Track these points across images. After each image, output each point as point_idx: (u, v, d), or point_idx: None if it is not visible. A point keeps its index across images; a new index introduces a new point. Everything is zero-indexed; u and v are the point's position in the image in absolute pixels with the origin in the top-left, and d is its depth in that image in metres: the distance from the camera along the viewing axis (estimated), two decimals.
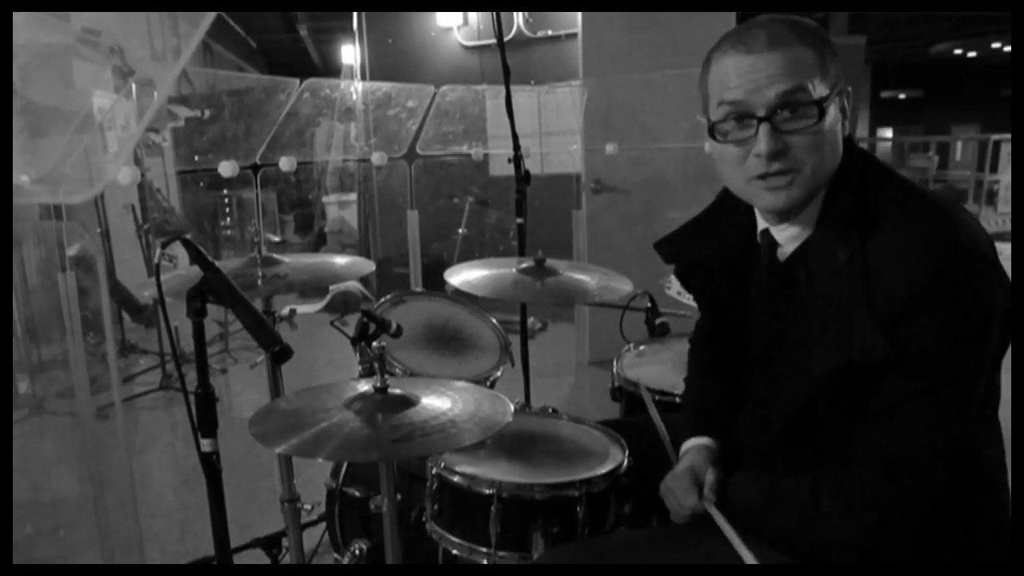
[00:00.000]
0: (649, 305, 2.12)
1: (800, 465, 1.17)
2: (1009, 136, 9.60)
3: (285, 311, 1.97)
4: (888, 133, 19.50)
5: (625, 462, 1.48)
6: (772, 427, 1.22)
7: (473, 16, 5.30)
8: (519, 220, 2.53)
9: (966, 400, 1.06)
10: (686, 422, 1.41)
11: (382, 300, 2.14)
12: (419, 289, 3.23)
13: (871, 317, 1.05)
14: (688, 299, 1.64)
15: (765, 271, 1.26)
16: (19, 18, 1.64)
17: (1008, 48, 14.14)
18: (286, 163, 2.94)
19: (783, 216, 1.19)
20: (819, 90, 1.09)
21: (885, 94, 19.69)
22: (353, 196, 7.59)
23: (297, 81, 3.04)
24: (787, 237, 1.21)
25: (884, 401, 1.07)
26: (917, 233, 1.05)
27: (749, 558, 1.14)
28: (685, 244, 1.40)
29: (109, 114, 2.29)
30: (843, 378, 1.09)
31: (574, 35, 4.58)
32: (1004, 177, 10.16)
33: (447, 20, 5.34)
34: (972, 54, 16.01)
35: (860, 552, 1.14)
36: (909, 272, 1.02)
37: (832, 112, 1.11)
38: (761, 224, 1.26)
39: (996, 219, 9.91)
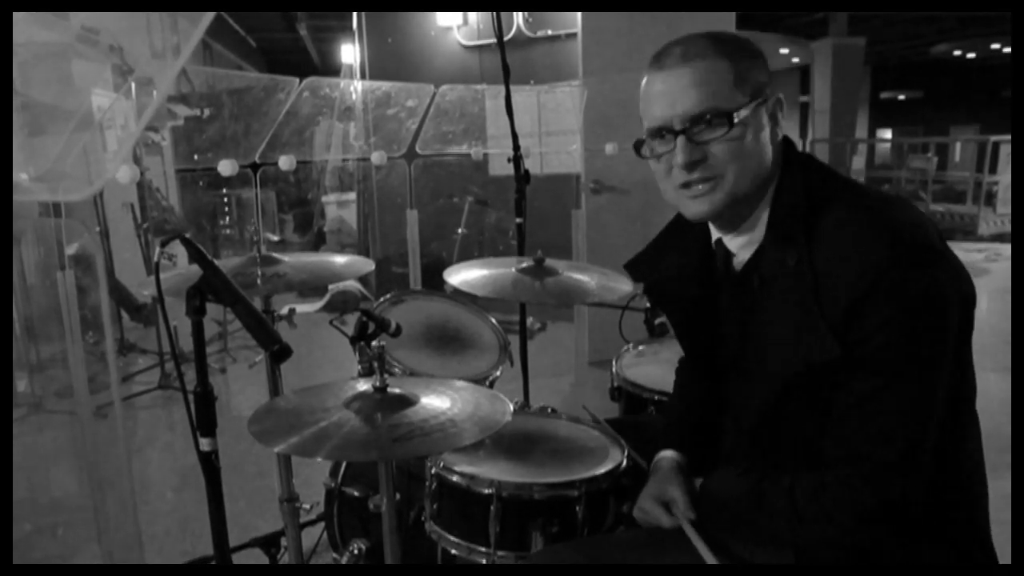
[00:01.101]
0: (648, 305, 2.12)
1: (776, 464, 1.18)
2: (1008, 137, 9.62)
3: (284, 310, 1.97)
4: (887, 134, 19.52)
5: (624, 462, 1.48)
6: (744, 430, 1.24)
7: (473, 16, 5.29)
8: (518, 220, 2.53)
9: (930, 393, 1.06)
10: (659, 434, 1.45)
11: (381, 299, 2.14)
12: (418, 288, 3.23)
13: (822, 319, 1.06)
14: None
15: (723, 281, 1.28)
16: (18, 16, 1.64)
17: (1008, 49, 14.15)
18: (285, 162, 2.94)
19: (722, 225, 1.23)
20: (735, 100, 1.12)
21: (884, 95, 19.73)
22: (352, 195, 7.59)
23: (297, 80, 3.04)
24: (739, 245, 1.24)
25: (848, 400, 1.08)
26: (861, 232, 1.06)
27: (711, 559, 1.18)
28: (651, 263, 1.43)
29: (108, 112, 2.29)
30: (802, 380, 1.11)
31: (574, 35, 4.58)
32: (1003, 178, 10.17)
33: (447, 20, 5.34)
34: (972, 55, 16.02)
35: (843, 549, 1.14)
36: (855, 271, 1.04)
37: (754, 121, 1.13)
38: (714, 235, 1.28)
39: (995, 220, 9.91)
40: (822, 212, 1.11)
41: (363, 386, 1.41)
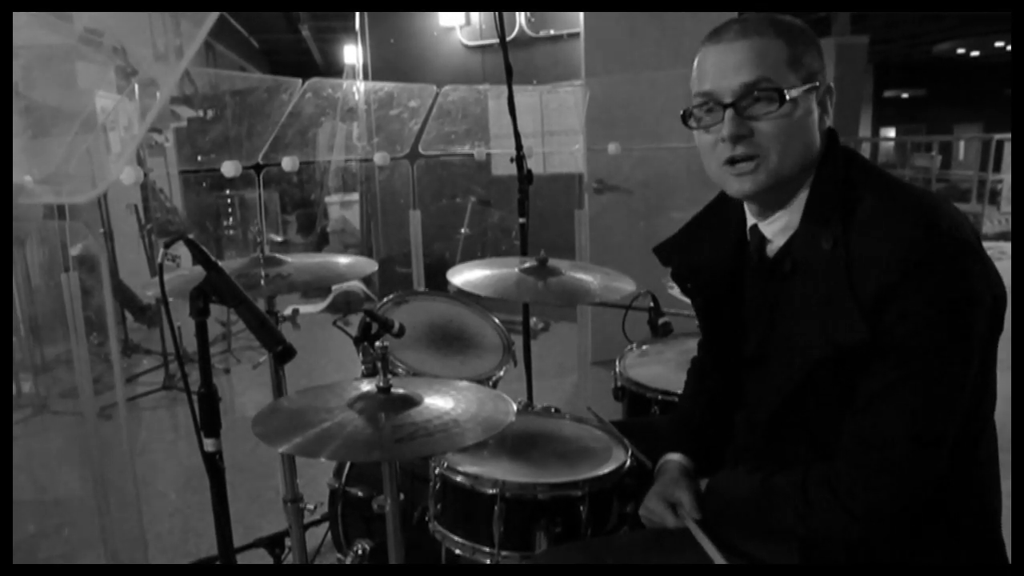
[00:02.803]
0: (652, 305, 2.12)
1: (790, 460, 1.18)
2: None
3: (288, 311, 1.98)
4: (891, 132, 19.47)
5: (628, 462, 1.48)
6: (760, 422, 1.23)
7: (475, 16, 5.29)
8: (521, 220, 2.53)
9: (952, 388, 1.05)
10: (666, 436, 1.45)
11: (385, 300, 2.14)
12: (422, 289, 3.23)
13: (853, 303, 1.06)
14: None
15: (755, 267, 1.27)
16: (21, 18, 1.64)
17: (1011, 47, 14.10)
18: (288, 163, 2.94)
19: (761, 206, 1.22)
20: (787, 80, 1.12)
21: (888, 93, 19.66)
22: (355, 196, 7.59)
23: (300, 81, 3.04)
24: (774, 231, 1.23)
25: (870, 389, 1.08)
26: (898, 221, 1.06)
27: (719, 559, 1.18)
28: (682, 247, 1.41)
29: (112, 114, 2.30)
30: (828, 367, 1.10)
31: (576, 35, 4.58)
32: (1007, 177, 10.14)
33: (449, 20, 5.34)
34: (975, 53, 15.98)
35: (847, 547, 1.14)
36: (889, 256, 1.04)
37: (803, 104, 1.13)
38: (750, 220, 1.27)
39: (999, 218, 9.89)
40: (860, 199, 1.11)
41: (367, 386, 1.41)
